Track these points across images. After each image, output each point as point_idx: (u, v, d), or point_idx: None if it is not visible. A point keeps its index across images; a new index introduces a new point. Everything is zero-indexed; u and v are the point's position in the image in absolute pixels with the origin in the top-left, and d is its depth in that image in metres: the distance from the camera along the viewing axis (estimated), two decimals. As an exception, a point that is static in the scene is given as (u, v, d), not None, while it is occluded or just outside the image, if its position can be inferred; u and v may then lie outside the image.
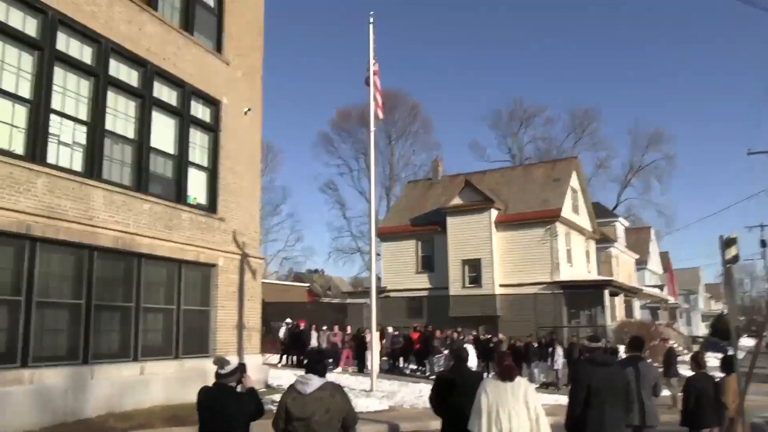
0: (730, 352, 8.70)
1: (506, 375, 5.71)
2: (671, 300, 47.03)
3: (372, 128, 18.14)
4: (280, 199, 68.17)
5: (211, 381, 5.20)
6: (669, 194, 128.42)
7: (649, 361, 8.12)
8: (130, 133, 13.46)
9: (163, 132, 14.36)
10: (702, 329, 65.72)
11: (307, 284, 58.88)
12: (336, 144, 62.33)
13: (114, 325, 12.48)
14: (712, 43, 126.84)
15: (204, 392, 5.00)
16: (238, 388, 5.10)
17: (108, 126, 12.79)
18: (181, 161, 14.70)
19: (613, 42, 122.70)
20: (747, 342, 70.10)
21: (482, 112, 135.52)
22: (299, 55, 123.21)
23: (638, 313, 40.29)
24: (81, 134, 12.25)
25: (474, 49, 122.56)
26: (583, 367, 6.55)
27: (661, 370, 15.82)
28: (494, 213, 30.03)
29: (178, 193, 14.54)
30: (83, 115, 12.32)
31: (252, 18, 18.19)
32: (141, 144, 13.56)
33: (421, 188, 37.39)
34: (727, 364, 8.17)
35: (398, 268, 32.78)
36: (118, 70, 13.25)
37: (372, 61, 18.20)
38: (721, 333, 56.20)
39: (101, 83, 12.62)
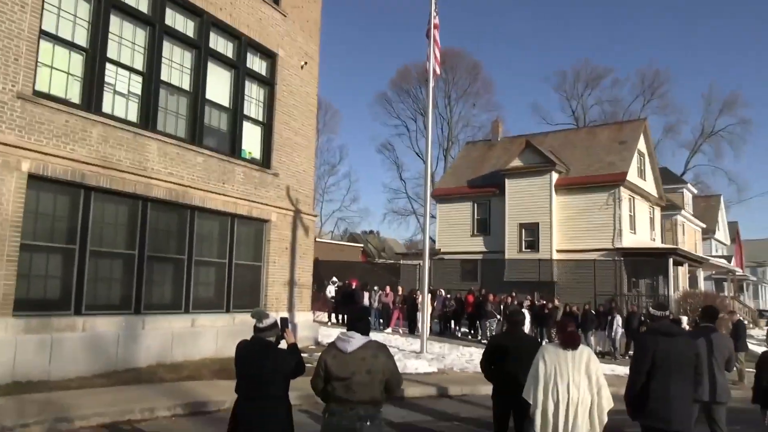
0: None
1: (569, 342, 5.29)
2: (738, 272, 44.99)
3: (430, 84, 17.53)
4: (336, 160, 68.35)
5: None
6: (742, 162, 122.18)
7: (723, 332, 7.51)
8: (186, 85, 13.35)
9: (218, 84, 14.21)
10: (770, 303, 62.94)
11: (361, 245, 59.09)
12: (394, 104, 61.64)
13: (166, 277, 12.58)
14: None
15: (242, 346, 4.77)
16: (282, 344, 4.84)
17: (164, 77, 12.71)
18: (236, 114, 14.55)
19: (688, 1, 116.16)
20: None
21: (546, 74, 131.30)
22: (361, 13, 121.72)
23: (702, 284, 38.75)
24: (136, 84, 12.20)
25: (539, 8, 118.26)
26: (647, 336, 6.01)
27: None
28: (555, 176, 29.01)
29: (232, 146, 14.44)
30: (139, 65, 12.25)
31: (310, -31, 17.70)
32: (196, 96, 13.45)
33: (479, 149, 36.49)
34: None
35: (453, 231, 32.23)
36: (174, 19, 13.09)
37: (433, 14, 17.54)
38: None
39: (157, 33, 12.50)
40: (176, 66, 13.14)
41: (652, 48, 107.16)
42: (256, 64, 15.47)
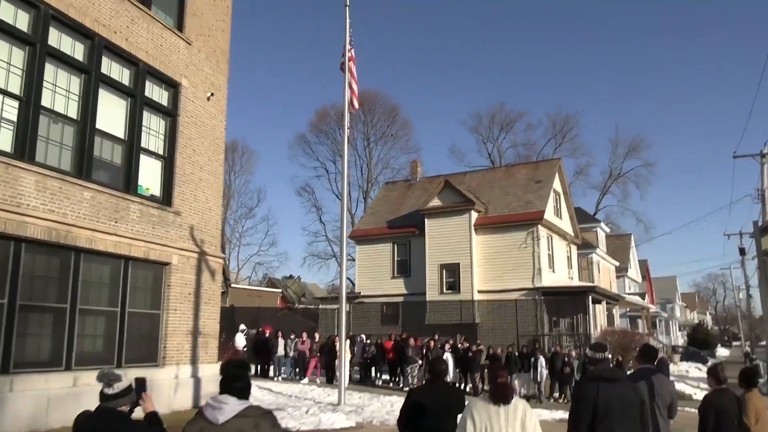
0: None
1: (500, 396, 4.43)
2: (652, 308, 46.23)
3: (346, 118, 16.84)
4: (254, 203, 66.43)
5: (159, 391, 3.79)
6: (648, 201, 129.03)
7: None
8: (72, 113, 11.97)
9: (112, 113, 12.90)
10: (679, 339, 65.23)
11: (280, 290, 57.20)
12: (313, 146, 60.82)
13: (43, 330, 10.96)
14: (697, 47, 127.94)
15: (81, 420, 3.60)
16: (139, 412, 3.71)
17: (45, 102, 11.31)
18: (133, 147, 13.23)
19: (596, 48, 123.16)
20: (723, 351, 70.00)
21: (462, 116, 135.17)
22: (280, 54, 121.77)
23: (619, 321, 39.37)
24: (11, 110, 10.77)
25: (455, 53, 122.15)
26: (586, 383, 5.24)
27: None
28: (474, 215, 28.79)
29: (127, 181, 13.07)
30: (15, 88, 10.83)
31: (219, -3, 16.79)
32: (85, 125, 12.07)
33: (399, 190, 36.05)
34: (747, 378, 6.92)
35: (373, 273, 31.33)
36: (60, 40, 11.78)
37: (348, 47, 16.99)
38: (698, 343, 55.68)
39: (38, 54, 11.15)
40: (61, 91, 11.77)
41: (562, 92, 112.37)
42: (156, 93, 14.26)
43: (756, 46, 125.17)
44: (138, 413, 3.74)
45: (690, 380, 29.51)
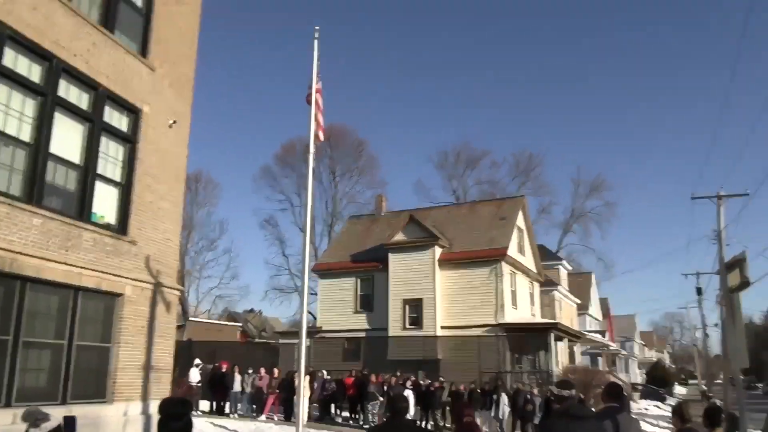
0: (719, 402, 7.36)
1: (464, 434, 4.21)
2: (612, 346, 46.53)
3: (311, 150, 16.61)
4: (216, 234, 65.30)
5: (107, 429, 3.42)
6: (608, 241, 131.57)
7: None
8: (25, 136, 11.49)
9: (67, 138, 12.45)
10: (638, 377, 65.74)
11: (240, 324, 55.98)
12: (278, 179, 60.41)
13: (-17, 362, 10.33)
14: (657, 89, 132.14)
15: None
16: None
17: (-5, 124, 10.87)
18: (88, 173, 12.77)
19: (560, 88, 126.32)
20: (680, 389, 70.77)
21: (429, 152, 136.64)
22: (246, 87, 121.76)
23: (579, 359, 39.45)
24: (-43, 131, 10.31)
25: (422, 90, 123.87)
26: (556, 422, 5.06)
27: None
28: (438, 251, 28.73)
29: (80, 208, 12.57)
30: (-38, 108, 10.40)
31: (185, 25, 16.56)
32: (37, 149, 11.59)
33: (363, 224, 35.87)
34: (711, 417, 6.80)
35: (335, 308, 30.85)
36: (16, 61, 11.37)
37: (315, 78, 16.85)
38: (656, 381, 56.24)
39: (-9, 74, 10.75)
40: (14, 113, 11.33)
41: (526, 131, 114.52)
42: (115, 118, 13.86)
43: (716, 88, 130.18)
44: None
45: (649, 418, 29.62)
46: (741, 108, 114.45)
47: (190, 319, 47.76)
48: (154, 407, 14.02)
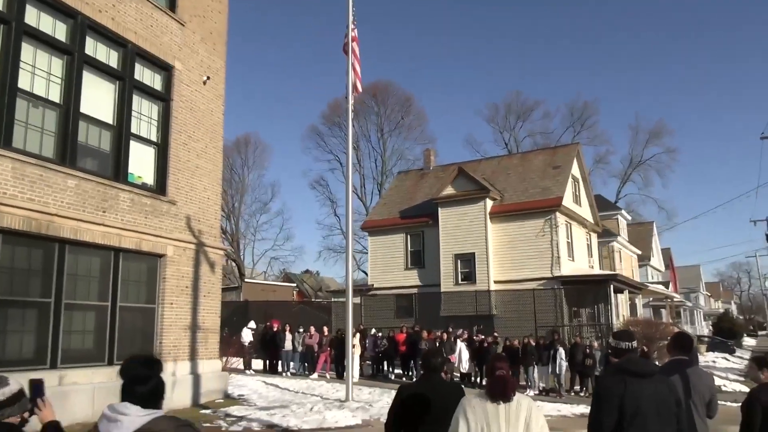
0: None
1: (498, 392, 3.60)
2: (676, 297, 44.89)
3: (350, 101, 15.99)
4: (268, 197, 65.83)
5: None
6: (670, 189, 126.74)
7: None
8: (54, 96, 11.27)
9: (99, 97, 12.18)
10: (704, 329, 63.67)
11: (295, 284, 56.65)
12: (326, 138, 59.92)
13: (26, 326, 10.31)
14: (714, 29, 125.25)
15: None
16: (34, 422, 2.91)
17: (23, 85, 10.61)
18: (122, 133, 12.51)
19: (614, 34, 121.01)
20: (749, 341, 68.30)
21: (478, 106, 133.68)
22: (290, 48, 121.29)
23: (642, 311, 38.18)
24: (-16, 92, 10.08)
25: (469, 42, 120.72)
26: (612, 379, 4.31)
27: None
28: (490, 203, 27.80)
29: (116, 169, 12.36)
30: (-12, 69, 10.15)
31: (214, -22, 16.00)
32: (68, 110, 11.36)
33: (412, 179, 35.12)
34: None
35: (386, 265, 30.44)
36: (39, 19, 11.07)
37: (351, 26, 16.12)
38: (723, 332, 54.21)
39: (14, 32, 10.44)
40: (41, 73, 11.06)
41: (580, 80, 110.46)
42: (147, 76, 13.53)
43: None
44: (35, 424, 2.94)
45: (718, 371, 28.39)
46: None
47: (246, 280, 48.39)
48: (203, 367, 13.99)
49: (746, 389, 20.02)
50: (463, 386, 4.60)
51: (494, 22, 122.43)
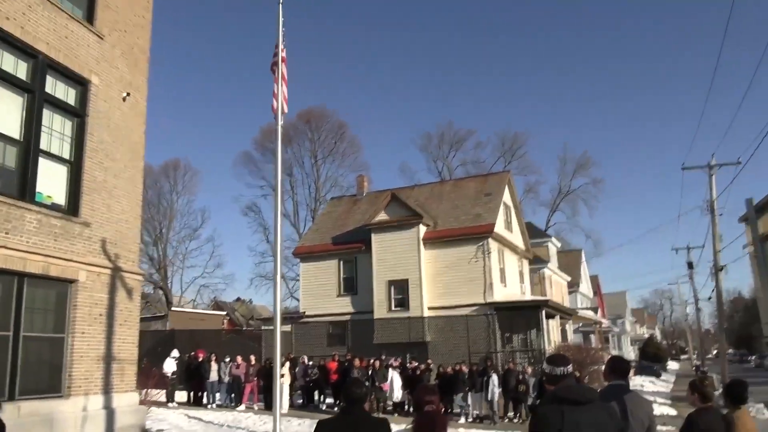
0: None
1: (426, 430, 3.20)
2: (604, 323, 45.89)
3: (279, 122, 15.47)
4: (198, 223, 63.75)
5: (62, 426, 2.43)
6: (596, 219, 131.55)
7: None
8: (-48, 108, 10.36)
9: (4, 111, 11.30)
10: (631, 353, 65.41)
11: (225, 312, 54.94)
12: (259, 164, 58.99)
13: None
14: (644, 62, 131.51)
15: None
16: None
17: None
18: (30, 149, 11.61)
19: (543, 66, 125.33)
20: (673, 365, 70.56)
21: (412, 135, 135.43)
22: (222, 72, 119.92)
23: (572, 337, 38.76)
24: None
25: (402, 71, 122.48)
26: (549, 409, 3.96)
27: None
28: (423, 229, 27.69)
29: (22, 187, 11.44)
30: None
31: (137, -9, 15.33)
32: (-32, 122, 10.46)
33: (344, 205, 34.72)
34: (735, 394, 5.83)
35: (318, 291, 29.75)
36: (-64, 25, 10.21)
37: (281, 46, 15.71)
38: (649, 357, 55.72)
39: None
40: (-63, 82, 10.15)
41: (510, 111, 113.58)
42: (60, 90, 12.68)
43: (704, 61, 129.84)
44: None
45: (646, 394, 28.90)
46: (733, 73, 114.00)
47: (173, 309, 46.55)
48: (118, 401, 13.02)
49: (674, 412, 20.33)
50: (389, 422, 4.16)
51: (428, 51, 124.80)
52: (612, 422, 3.97)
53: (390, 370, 18.52)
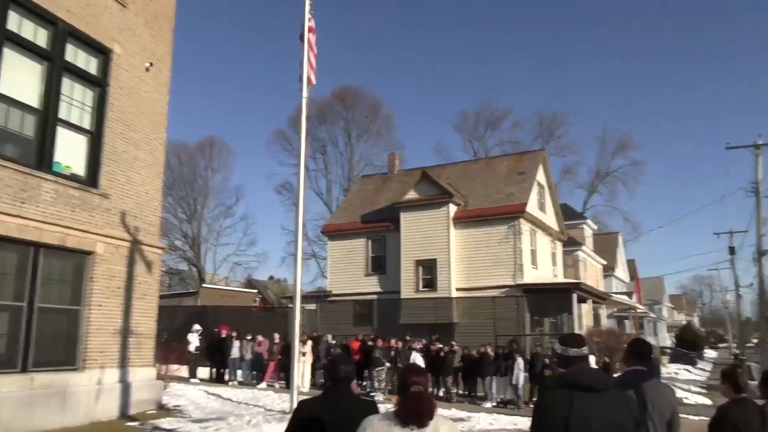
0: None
1: (412, 414, 2.82)
2: (640, 308, 44.79)
3: (304, 93, 15.10)
4: (232, 201, 64.10)
5: (75, 398, 2.16)
6: (636, 201, 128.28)
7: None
8: (-32, 75, 10.23)
9: (21, 78, 11.15)
10: (667, 340, 64.00)
11: (256, 290, 55.29)
12: (293, 143, 58.76)
13: None
14: (683, 43, 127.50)
15: None
16: None
17: (-71, 59, 9.57)
18: (48, 118, 11.47)
19: (584, 46, 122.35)
20: (710, 353, 68.86)
21: (448, 115, 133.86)
22: (257, 50, 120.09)
23: (605, 322, 37.89)
24: None
25: (440, 51, 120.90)
26: (556, 394, 3.49)
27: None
28: (453, 208, 27.13)
29: (39, 156, 11.32)
30: None
31: (161, -41, 15.04)
32: (-16, 89, 10.33)
33: (375, 183, 34.29)
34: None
35: (346, 270, 29.53)
36: (-48, -11, 10.05)
37: (308, 16, 15.28)
38: (686, 344, 54.41)
39: None
40: (-48, 48, 10.01)
41: (549, 90, 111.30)
42: (81, 59, 12.51)
43: (747, 40, 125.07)
44: None
45: (680, 383, 28.07)
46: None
47: (204, 285, 46.99)
48: (134, 375, 12.94)
49: (708, 402, 19.59)
50: (376, 404, 3.77)
51: (466, 30, 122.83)
52: (629, 414, 3.45)
53: (413, 352, 18.17)
